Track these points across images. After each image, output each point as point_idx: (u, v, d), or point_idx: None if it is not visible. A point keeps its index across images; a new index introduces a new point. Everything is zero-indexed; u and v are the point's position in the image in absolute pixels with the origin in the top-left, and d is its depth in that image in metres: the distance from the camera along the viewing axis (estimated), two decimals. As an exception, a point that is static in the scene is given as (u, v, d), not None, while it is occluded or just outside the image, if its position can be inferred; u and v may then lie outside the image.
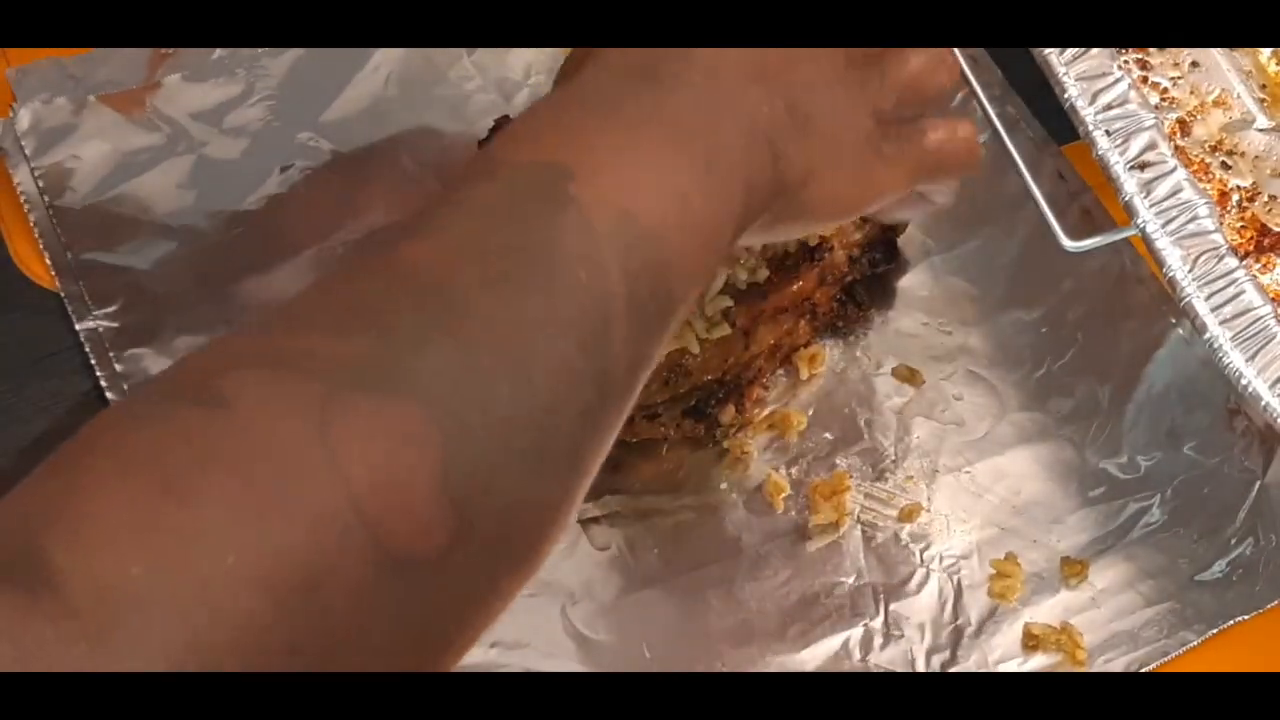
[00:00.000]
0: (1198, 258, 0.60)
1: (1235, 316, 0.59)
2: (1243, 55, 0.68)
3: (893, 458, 0.66)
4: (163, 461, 0.34)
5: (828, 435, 0.66)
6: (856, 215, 0.53)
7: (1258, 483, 0.65)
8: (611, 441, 0.41)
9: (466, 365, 0.37)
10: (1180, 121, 0.66)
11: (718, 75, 0.45)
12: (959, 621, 0.62)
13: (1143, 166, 0.62)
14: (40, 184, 0.70)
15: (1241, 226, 0.63)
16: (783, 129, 0.46)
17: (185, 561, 0.33)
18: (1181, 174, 0.62)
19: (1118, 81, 0.63)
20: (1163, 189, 0.61)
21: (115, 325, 0.66)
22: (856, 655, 0.61)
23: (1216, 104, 0.66)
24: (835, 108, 0.48)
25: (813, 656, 0.61)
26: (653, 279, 0.41)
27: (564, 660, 0.60)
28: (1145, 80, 0.66)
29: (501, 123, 0.65)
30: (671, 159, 0.43)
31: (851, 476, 0.65)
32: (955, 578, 0.63)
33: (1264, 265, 0.62)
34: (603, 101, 0.43)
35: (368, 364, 0.36)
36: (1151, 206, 0.61)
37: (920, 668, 0.61)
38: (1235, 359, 0.58)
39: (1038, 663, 0.61)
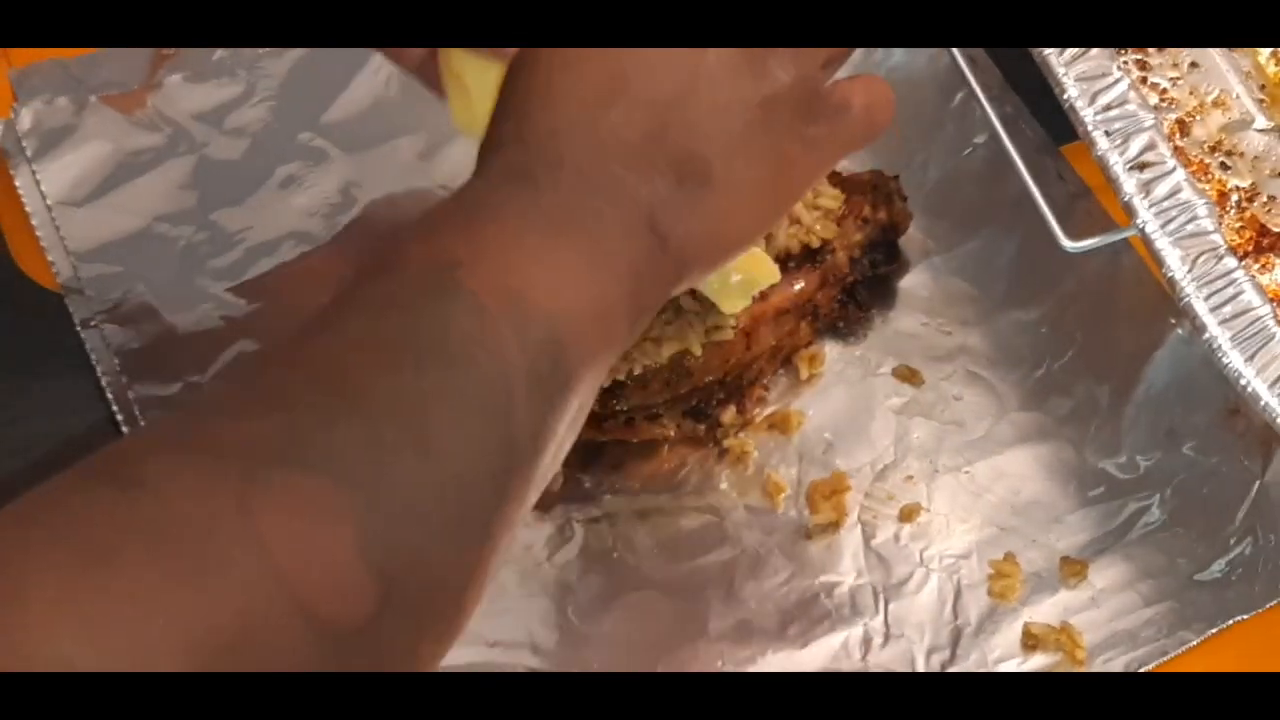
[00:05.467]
0: (1197, 258, 0.60)
1: (1234, 316, 0.59)
2: (1242, 56, 0.68)
3: (892, 458, 0.66)
4: (86, 534, 0.35)
5: (828, 435, 0.66)
6: (791, 207, 0.55)
7: (1257, 482, 0.65)
8: (524, 510, 0.42)
9: (371, 439, 0.38)
10: (1179, 122, 0.66)
11: (587, 173, 0.46)
12: (958, 621, 0.62)
13: (1142, 167, 0.62)
14: (41, 184, 0.70)
15: (1240, 227, 0.63)
16: (670, 207, 0.46)
17: (114, 623, 0.34)
18: (1181, 174, 0.62)
19: (1117, 82, 0.63)
20: (1162, 189, 0.61)
21: (115, 325, 0.66)
22: (856, 655, 0.61)
23: (1216, 104, 0.66)
24: (734, 133, 0.48)
25: (812, 656, 0.61)
26: (551, 355, 0.42)
27: (564, 660, 0.60)
28: (1144, 81, 0.66)
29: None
30: (552, 253, 0.44)
31: (851, 476, 0.65)
32: (955, 577, 0.63)
33: (1263, 265, 0.62)
34: (486, 204, 0.45)
35: (279, 444, 0.38)
36: (1151, 207, 0.61)
37: (920, 667, 0.61)
38: (1234, 359, 0.58)
39: (1037, 662, 0.61)
